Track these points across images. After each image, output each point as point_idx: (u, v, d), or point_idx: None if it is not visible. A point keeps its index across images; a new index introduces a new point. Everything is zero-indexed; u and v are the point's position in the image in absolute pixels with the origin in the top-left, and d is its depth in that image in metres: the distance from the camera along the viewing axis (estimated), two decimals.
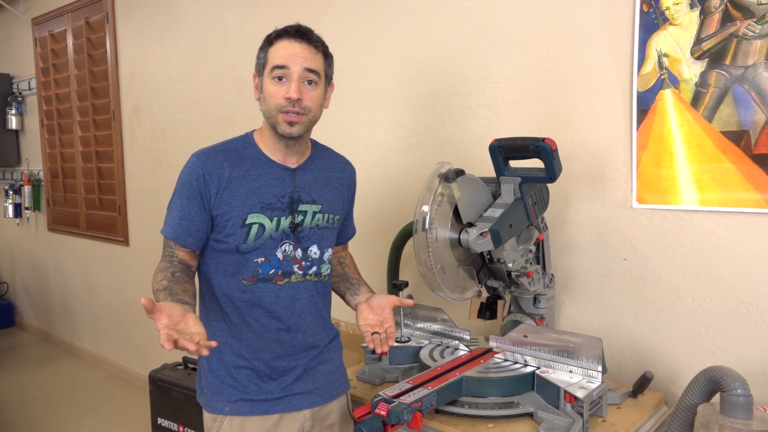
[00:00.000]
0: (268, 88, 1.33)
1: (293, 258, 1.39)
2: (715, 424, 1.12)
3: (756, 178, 1.42)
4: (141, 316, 3.72)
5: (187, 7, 3.08)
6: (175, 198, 1.37)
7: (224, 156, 1.36)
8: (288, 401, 1.40)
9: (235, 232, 1.34)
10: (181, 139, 3.23)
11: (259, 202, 1.35)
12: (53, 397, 3.65)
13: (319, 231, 1.43)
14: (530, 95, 1.80)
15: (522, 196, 1.46)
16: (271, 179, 1.38)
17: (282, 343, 1.40)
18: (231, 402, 1.38)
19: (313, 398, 1.43)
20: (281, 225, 1.37)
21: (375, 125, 2.26)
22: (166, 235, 1.36)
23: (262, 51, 1.37)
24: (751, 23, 1.41)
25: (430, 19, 2.04)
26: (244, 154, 1.38)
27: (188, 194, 1.34)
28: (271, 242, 1.36)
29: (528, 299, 1.59)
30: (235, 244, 1.34)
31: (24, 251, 5.00)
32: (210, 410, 1.40)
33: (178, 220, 1.34)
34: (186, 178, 1.35)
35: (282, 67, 1.31)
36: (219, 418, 1.39)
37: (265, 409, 1.38)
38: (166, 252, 1.37)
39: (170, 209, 1.37)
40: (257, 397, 1.38)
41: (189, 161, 1.36)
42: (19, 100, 4.71)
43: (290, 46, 1.32)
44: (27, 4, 4.42)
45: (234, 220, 1.33)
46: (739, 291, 1.49)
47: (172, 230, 1.35)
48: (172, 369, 2.58)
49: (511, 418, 1.32)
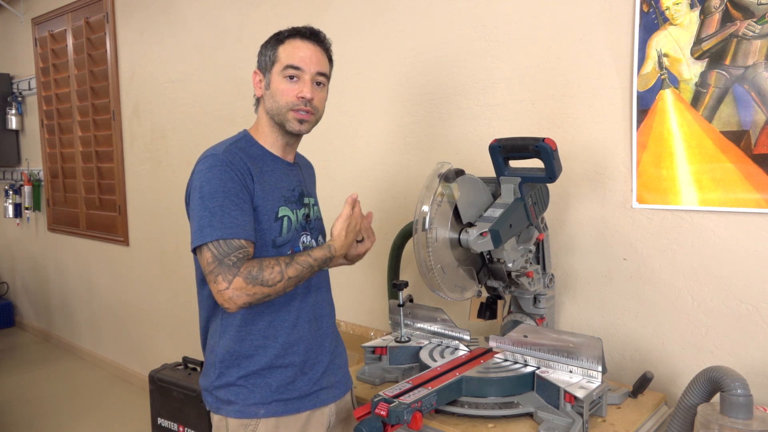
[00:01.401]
0: (279, 86, 1.35)
1: (311, 249, 1.40)
2: (715, 424, 1.12)
3: (756, 178, 1.42)
4: (141, 316, 3.72)
5: (187, 7, 3.08)
6: (215, 200, 1.25)
7: (241, 154, 1.34)
8: (316, 396, 1.41)
9: (271, 226, 1.34)
10: (181, 139, 3.23)
11: (282, 196, 1.38)
12: (53, 397, 3.65)
13: (319, 222, 1.51)
14: (530, 95, 1.80)
15: (522, 196, 1.46)
16: (282, 174, 1.40)
17: (312, 333, 1.42)
18: (265, 404, 1.35)
19: (336, 391, 1.46)
20: (299, 217, 1.41)
21: (375, 125, 2.26)
22: (232, 236, 1.23)
23: (270, 48, 1.37)
24: (751, 23, 1.41)
25: (430, 19, 2.04)
26: (252, 152, 1.38)
27: (234, 189, 1.26)
28: (296, 234, 1.39)
29: (528, 299, 1.59)
30: (272, 238, 1.34)
31: (24, 251, 5.00)
32: (239, 415, 1.35)
33: (239, 217, 1.25)
34: (223, 175, 1.27)
35: (296, 68, 1.34)
36: (252, 422, 1.35)
37: (298, 407, 1.38)
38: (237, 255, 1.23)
39: (214, 213, 1.24)
40: (291, 396, 1.37)
41: (216, 160, 1.28)
42: (19, 100, 4.71)
43: (305, 48, 1.36)
44: (27, 4, 4.42)
45: (269, 214, 1.34)
46: (739, 291, 1.49)
47: (239, 229, 1.24)
48: (172, 369, 2.58)
49: (511, 418, 1.32)
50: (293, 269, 1.28)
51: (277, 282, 1.25)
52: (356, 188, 2.30)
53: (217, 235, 1.23)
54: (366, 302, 2.36)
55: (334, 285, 1.59)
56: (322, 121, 1.45)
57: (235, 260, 1.23)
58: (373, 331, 2.26)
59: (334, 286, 1.57)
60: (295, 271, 1.28)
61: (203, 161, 1.31)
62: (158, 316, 3.60)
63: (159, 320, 3.60)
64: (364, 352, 1.69)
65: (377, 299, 2.31)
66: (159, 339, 3.60)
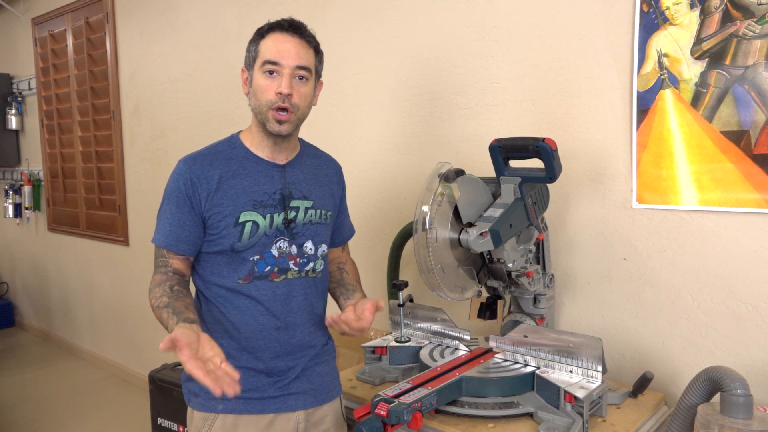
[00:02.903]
0: (259, 82, 1.32)
1: (288, 254, 1.38)
2: (715, 424, 1.12)
3: (756, 178, 1.42)
4: (141, 316, 3.72)
5: (187, 7, 3.08)
6: (164, 206, 1.36)
7: (211, 159, 1.36)
8: (284, 401, 1.39)
9: (229, 232, 1.33)
10: (181, 139, 3.23)
11: (251, 200, 1.35)
12: (53, 397, 3.65)
13: (313, 227, 1.43)
14: (530, 95, 1.80)
15: (522, 196, 1.46)
16: (260, 177, 1.37)
17: (280, 342, 1.39)
18: (224, 400, 1.35)
19: (309, 399, 1.42)
20: (275, 222, 1.36)
21: (375, 125, 2.26)
22: (158, 244, 1.35)
23: (253, 44, 1.36)
24: (751, 23, 1.41)
25: (430, 19, 2.04)
26: (232, 154, 1.37)
27: (177, 200, 1.33)
28: (266, 239, 1.35)
29: (528, 299, 1.59)
30: (230, 244, 1.33)
31: (24, 251, 5.00)
32: (201, 408, 1.37)
33: (168, 228, 1.33)
34: (174, 185, 1.34)
35: (273, 62, 1.31)
36: (211, 416, 1.36)
37: (261, 408, 1.37)
38: (159, 262, 1.35)
39: (160, 218, 1.36)
40: (253, 396, 1.36)
41: (176, 168, 1.35)
42: (19, 100, 4.71)
43: (283, 41, 1.32)
44: (27, 4, 4.42)
45: (227, 220, 1.33)
46: (739, 291, 1.49)
47: (164, 238, 1.34)
48: (172, 369, 2.58)
49: (511, 418, 1.32)
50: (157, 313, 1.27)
51: (152, 309, 1.30)
52: (356, 188, 2.30)
53: (154, 238, 1.37)
54: None
55: None
56: (322, 121, 1.44)
57: (156, 265, 1.36)
58: (373, 331, 2.25)
59: None
60: (158, 315, 1.27)
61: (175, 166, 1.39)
62: None
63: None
64: (364, 352, 1.69)
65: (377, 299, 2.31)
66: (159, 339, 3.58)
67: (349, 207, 1.64)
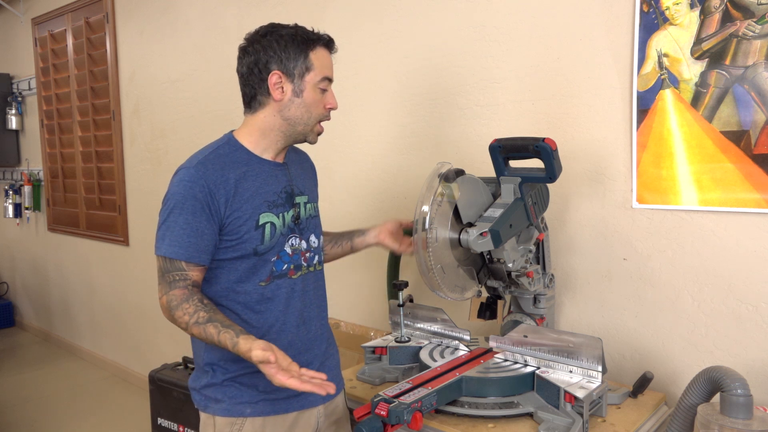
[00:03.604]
0: (314, 96, 1.36)
1: (301, 251, 1.40)
2: (715, 424, 1.12)
3: (756, 178, 1.42)
4: (141, 316, 3.72)
5: (187, 7, 3.08)
6: (173, 215, 1.27)
7: (222, 163, 1.32)
8: (305, 397, 1.39)
9: (251, 236, 1.32)
10: (181, 139, 3.23)
11: (265, 201, 1.35)
12: (53, 397, 3.65)
13: (312, 220, 1.47)
14: (530, 95, 1.80)
15: (522, 196, 1.46)
16: (268, 177, 1.38)
17: (300, 338, 1.41)
18: (252, 403, 1.35)
19: None
20: (286, 220, 1.38)
21: (375, 125, 2.26)
22: (174, 257, 1.26)
23: (298, 52, 1.33)
24: (751, 23, 1.41)
25: (430, 19, 2.04)
26: (236, 157, 1.35)
27: (193, 209, 1.26)
28: (282, 239, 1.37)
29: (528, 299, 1.59)
30: (253, 247, 1.32)
31: (24, 251, 5.00)
32: (226, 414, 1.35)
33: (186, 238, 1.26)
34: (187, 192, 1.27)
35: (331, 80, 1.38)
36: (238, 421, 1.35)
37: (286, 408, 1.38)
38: (176, 276, 1.27)
39: (170, 229, 1.27)
40: (278, 396, 1.36)
41: (186, 174, 1.29)
42: (19, 100, 4.71)
43: (328, 56, 1.39)
44: (27, 4, 4.42)
45: (248, 224, 1.31)
46: (739, 291, 1.49)
47: (182, 250, 1.26)
48: (172, 369, 2.58)
49: (511, 418, 1.32)
50: (198, 329, 1.22)
51: (182, 326, 1.26)
52: (356, 188, 2.30)
53: (164, 251, 1.27)
54: (366, 302, 2.35)
55: (335, 285, 1.59)
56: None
57: (172, 280, 1.27)
58: (373, 331, 2.26)
59: (334, 286, 1.57)
60: (199, 332, 1.23)
61: (177, 173, 1.31)
62: (158, 316, 3.58)
63: (159, 320, 3.59)
64: (364, 352, 1.69)
65: (377, 299, 2.31)
66: (159, 339, 3.60)
67: (349, 207, 1.64)
